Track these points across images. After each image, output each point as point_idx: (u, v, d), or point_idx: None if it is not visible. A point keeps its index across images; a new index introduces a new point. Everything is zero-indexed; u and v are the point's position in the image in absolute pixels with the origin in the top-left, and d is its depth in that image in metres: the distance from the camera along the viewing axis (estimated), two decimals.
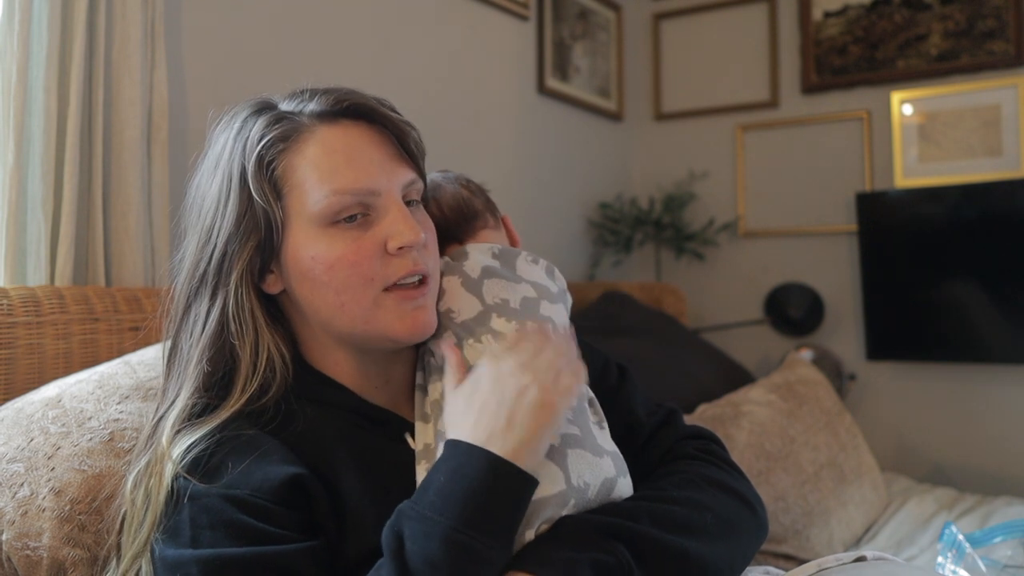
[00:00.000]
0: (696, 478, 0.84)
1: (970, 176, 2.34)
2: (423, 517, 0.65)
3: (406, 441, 0.81)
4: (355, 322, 0.79)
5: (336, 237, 0.77)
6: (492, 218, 0.97)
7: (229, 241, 0.78)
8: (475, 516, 0.65)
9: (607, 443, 0.81)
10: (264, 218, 0.78)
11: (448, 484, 0.67)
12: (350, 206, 0.77)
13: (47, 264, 1.19)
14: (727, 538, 0.79)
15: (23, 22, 1.16)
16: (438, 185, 0.96)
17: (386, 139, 0.81)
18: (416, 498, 0.68)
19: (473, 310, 0.84)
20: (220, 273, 0.79)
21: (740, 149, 2.70)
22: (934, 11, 2.39)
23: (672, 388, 1.91)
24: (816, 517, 1.66)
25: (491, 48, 2.24)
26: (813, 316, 2.55)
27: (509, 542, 0.67)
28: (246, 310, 0.79)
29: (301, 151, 0.78)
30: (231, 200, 0.78)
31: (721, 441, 0.93)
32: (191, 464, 0.72)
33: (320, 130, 0.79)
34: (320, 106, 0.80)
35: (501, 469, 0.67)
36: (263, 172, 0.78)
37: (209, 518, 0.69)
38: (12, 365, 1.05)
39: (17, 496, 0.86)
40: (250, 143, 0.79)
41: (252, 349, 0.79)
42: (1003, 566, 1.41)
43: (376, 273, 0.78)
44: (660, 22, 2.86)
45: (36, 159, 1.18)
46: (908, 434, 2.44)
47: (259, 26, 1.60)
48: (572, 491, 0.73)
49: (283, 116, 0.80)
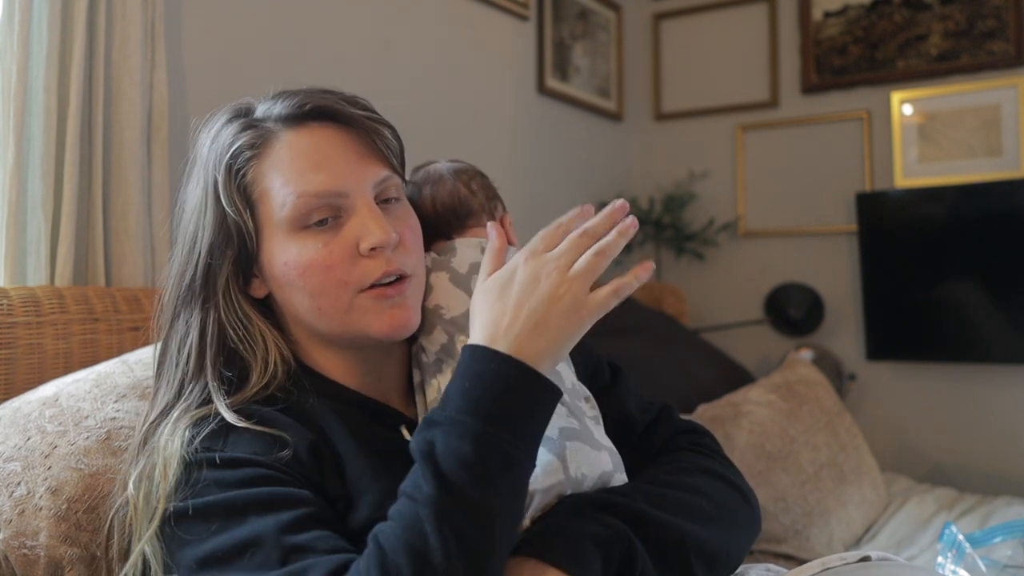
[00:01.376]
0: (689, 466, 0.84)
1: (970, 176, 2.34)
2: (452, 420, 0.65)
3: (401, 431, 0.81)
4: (333, 323, 0.79)
5: (307, 242, 0.77)
6: (488, 218, 0.95)
7: (211, 252, 0.79)
8: (502, 418, 0.65)
9: (604, 439, 0.81)
10: (236, 229, 0.78)
11: (473, 389, 0.66)
12: (318, 209, 0.77)
13: (47, 264, 1.19)
14: (721, 522, 0.79)
15: (23, 22, 1.16)
16: (441, 178, 0.94)
17: (355, 138, 0.81)
18: (442, 405, 0.68)
19: (462, 306, 0.83)
20: (207, 282, 0.80)
21: (740, 149, 2.70)
22: (934, 11, 2.38)
23: (672, 388, 1.91)
24: (816, 517, 1.66)
25: (491, 48, 2.24)
26: (813, 316, 2.55)
27: (534, 447, 0.67)
28: (241, 315, 0.80)
29: (268, 157, 0.79)
30: (208, 210, 0.79)
31: (713, 436, 0.94)
32: (208, 438, 0.72)
33: (286, 135, 0.79)
34: (285, 110, 0.80)
35: (524, 378, 0.67)
36: (233, 182, 0.78)
37: (238, 477, 0.69)
38: (12, 365, 1.05)
39: (14, 495, 0.86)
40: (221, 152, 0.79)
41: (262, 349, 0.79)
42: (1003, 566, 1.41)
43: (349, 276, 0.77)
44: (660, 22, 2.87)
45: (36, 159, 1.18)
46: (908, 434, 2.44)
47: (259, 26, 1.61)
48: (569, 482, 0.73)
49: (252, 123, 0.80)
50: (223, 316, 0.79)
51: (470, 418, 0.64)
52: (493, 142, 2.25)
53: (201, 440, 0.72)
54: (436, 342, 0.83)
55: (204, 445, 0.72)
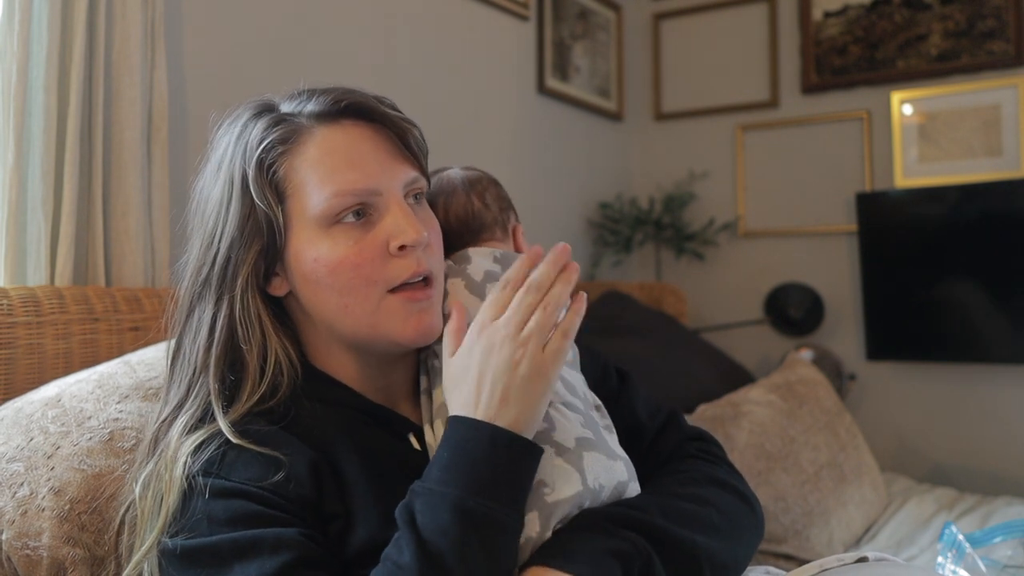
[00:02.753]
0: (699, 476, 0.85)
1: (970, 176, 2.34)
2: (431, 491, 0.66)
3: (409, 440, 0.81)
4: (359, 324, 0.79)
5: (338, 238, 0.77)
6: (500, 231, 0.95)
7: (232, 246, 0.78)
8: (480, 484, 0.66)
9: (618, 448, 0.81)
10: (267, 222, 0.77)
11: (452, 458, 0.68)
12: (351, 206, 0.77)
13: (47, 264, 1.19)
14: (730, 534, 0.80)
15: (23, 22, 1.16)
16: (454, 189, 0.94)
17: (387, 138, 0.81)
18: (424, 475, 0.69)
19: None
20: (225, 278, 0.79)
21: (740, 149, 2.70)
22: (934, 11, 2.38)
23: (672, 388, 1.91)
24: (816, 517, 1.66)
25: (491, 48, 2.24)
26: (813, 316, 2.55)
27: (518, 507, 0.68)
28: (252, 314, 0.79)
29: (301, 153, 0.78)
30: (233, 205, 0.78)
31: (719, 444, 0.95)
32: (207, 462, 0.72)
33: (320, 131, 0.79)
34: (319, 107, 0.79)
35: (502, 440, 0.68)
36: (264, 176, 0.77)
37: (227, 514, 0.69)
38: (12, 365, 1.05)
39: (17, 495, 0.86)
40: (250, 147, 0.78)
41: (260, 353, 0.78)
42: (1003, 566, 1.41)
43: (379, 275, 0.77)
44: (660, 22, 2.87)
45: (36, 159, 1.18)
46: (908, 434, 2.44)
47: (259, 26, 1.60)
48: (588, 493, 0.74)
49: (283, 118, 0.80)
50: (237, 312, 0.78)
51: (451, 488, 0.66)
52: (493, 142, 2.25)
53: (207, 461, 0.72)
54: None
55: (202, 468, 0.72)
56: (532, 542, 0.70)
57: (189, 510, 0.70)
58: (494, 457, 0.67)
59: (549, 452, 0.74)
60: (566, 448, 0.74)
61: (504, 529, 0.66)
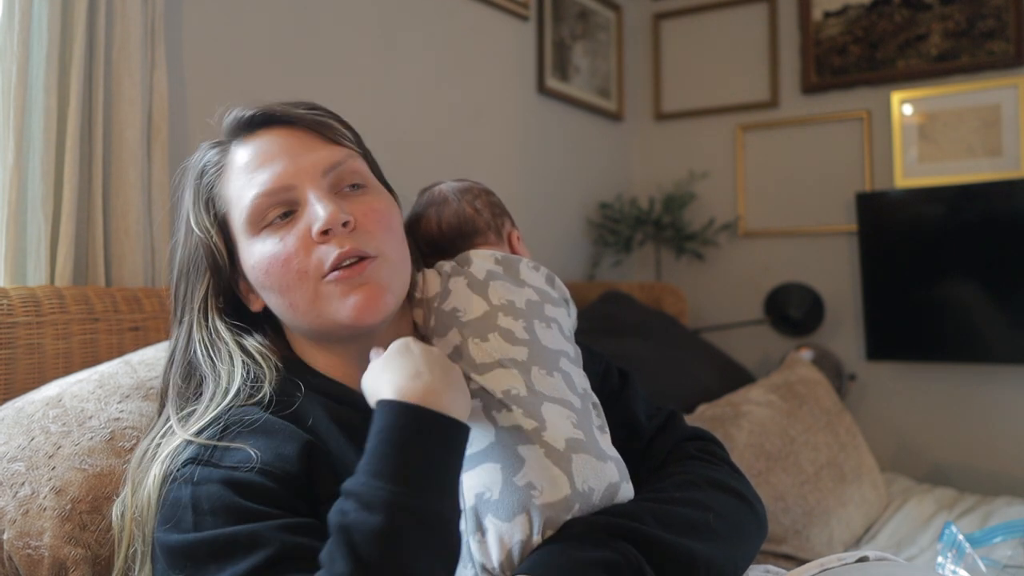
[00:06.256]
0: (697, 479, 0.84)
1: (970, 176, 2.34)
2: (360, 487, 0.64)
3: None
4: (307, 318, 0.80)
5: (267, 241, 0.80)
6: (495, 236, 0.96)
7: (187, 277, 0.84)
8: (397, 470, 0.64)
9: (610, 448, 0.81)
10: (206, 249, 0.83)
11: (380, 447, 0.66)
12: (272, 207, 0.80)
13: (47, 264, 1.19)
14: (730, 538, 0.79)
15: (23, 22, 1.16)
16: (445, 199, 0.96)
17: (300, 134, 0.84)
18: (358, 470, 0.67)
19: (479, 310, 0.85)
20: (185, 301, 0.84)
21: (740, 149, 2.70)
22: (934, 11, 2.39)
23: (672, 388, 1.91)
24: (816, 517, 1.66)
25: (491, 48, 2.24)
26: (813, 316, 2.55)
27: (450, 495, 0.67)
28: (212, 334, 0.83)
29: (227, 171, 0.83)
30: (183, 237, 0.85)
31: (721, 443, 0.94)
32: (195, 450, 0.73)
33: (238, 146, 0.84)
34: (234, 123, 0.84)
35: (414, 414, 0.67)
36: (201, 202, 0.84)
37: (211, 504, 0.69)
38: (12, 365, 1.05)
39: (18, 495, 0.86)
40: (194, 175, 0.85)
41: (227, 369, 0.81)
42: (1003, 566, 1.42)
43: (306, 265, 0.78)
44: (660, 22, 2.87)
45: (36, 159, 1.18)
46: (908, 434, 2.44)
47: (259, 26, 1.60)
48: (576, 496, 0.73)
49: (217, 143, 0.86)
50: (194, 335, 0.83)
51: (378, 481, 0.63)
52: (493, 142, 2.25)
53: (195, 449, 0.74)
54: (450, 343, 0.84)
55: (191, 457, 0.73)
56: (522, 545, 0.70)
57: (173, 500, 0.71)
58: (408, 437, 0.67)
59: (539, 453, 0.74)
60: (555, 449, 0.74)
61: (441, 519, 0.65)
